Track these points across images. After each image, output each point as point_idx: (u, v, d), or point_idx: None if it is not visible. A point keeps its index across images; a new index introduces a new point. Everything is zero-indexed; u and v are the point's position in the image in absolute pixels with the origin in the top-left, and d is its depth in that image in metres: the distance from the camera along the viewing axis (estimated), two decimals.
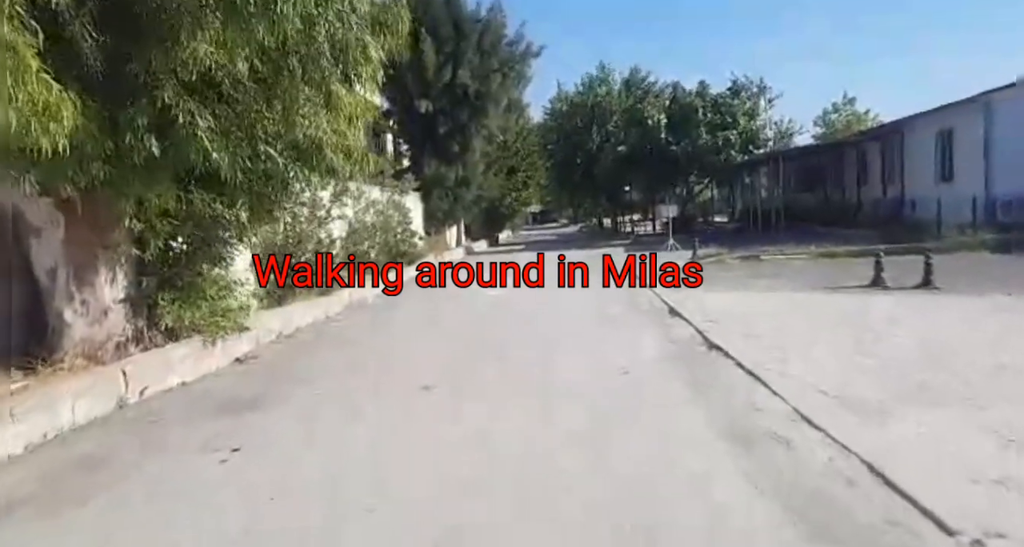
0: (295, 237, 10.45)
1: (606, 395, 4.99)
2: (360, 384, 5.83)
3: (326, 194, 11.09)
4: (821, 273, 11.81)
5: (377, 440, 4.27)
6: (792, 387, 4.79)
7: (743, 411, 4.40)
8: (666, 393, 4.97)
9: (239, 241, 6.72)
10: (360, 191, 14.88)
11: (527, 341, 7.41)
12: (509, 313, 9.90)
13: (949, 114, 15.85)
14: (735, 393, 4.83)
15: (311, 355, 7.26)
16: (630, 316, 8.75)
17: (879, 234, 16.31)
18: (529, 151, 36.76)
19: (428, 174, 21.87)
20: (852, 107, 48.08)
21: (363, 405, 5.13)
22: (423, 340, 7.96)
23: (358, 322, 9.67)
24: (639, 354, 6.35)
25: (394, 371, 6.24)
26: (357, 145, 6.45)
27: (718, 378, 5.31)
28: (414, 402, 5.10)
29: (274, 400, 5.36)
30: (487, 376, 5.86)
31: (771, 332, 6.90)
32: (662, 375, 5.53)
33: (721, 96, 25.73)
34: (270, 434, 4.52)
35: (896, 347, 5.88)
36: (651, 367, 5.82)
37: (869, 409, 4.20)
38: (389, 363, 6.66)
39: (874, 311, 7.90)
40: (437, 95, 20.84)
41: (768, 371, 5.23)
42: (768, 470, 3.38)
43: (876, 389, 4.62)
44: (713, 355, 6.13)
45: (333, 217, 11.22)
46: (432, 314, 10.41)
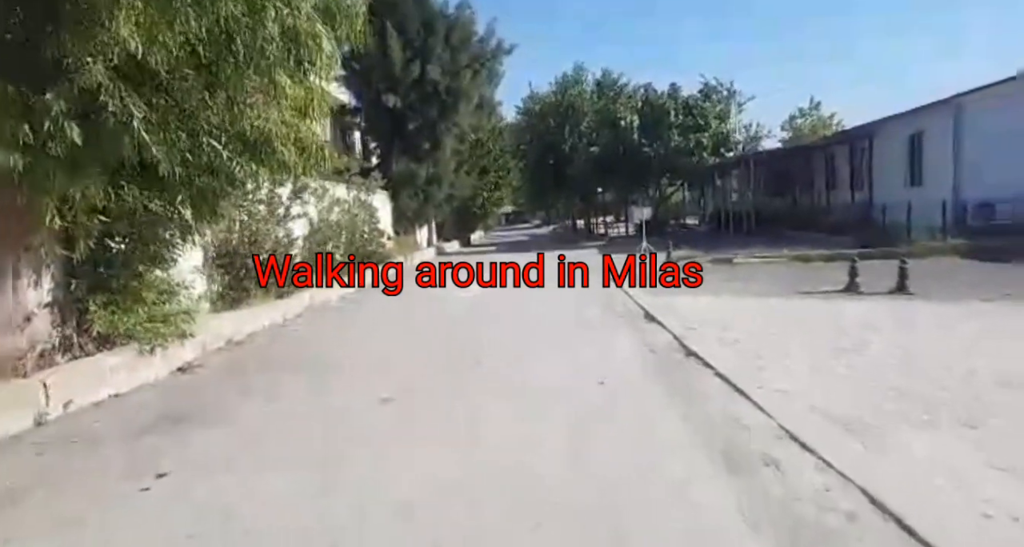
0: (251, 236, 9.88)
1: (582, 410, 4.62)
2: (311, 397, 5.37)
3: (285, 191, 10.54)
4: (795, 277, 11.68)
5: (325, 462, 3.83)
6: (775, 400, 4.50)
7: (727, 427, 4.08)
8: (645, 407, 4.63)
9: (183, 241, 6.17)
10: (323, 189, 14.33)
11: (496, 347, 7.01)
12: (480, 317, 9.49)
13: (919, 117, 15.93)
14: (717, 407, 4.51)
15: (261, 364, 6.74)
16: (607, 320, 8.43)
17: (850, 238, 16.35)
18: (502, 151, 36.39)
19: (397, 172, 21.33)
20: (818, 112, 48.78)
21: (311, 422, 4.67)
22: (386, 346, 7.50)
23: (318, 326, 9.16)
24: (616, 363, 6.01)
25: (350, 381, 5.78)
26: (312, 139, 5.99)
27: (698, 390, 4.98)
28: (370, 419, 4.67)
29: (214, 415, 4.86)
30: (452, 387, 5.44)
31: (749, 339, 6.63)
32: (640, 386, 5.19)
33: (692, 98, 25.72)
34: (203, 456, 4.04)
35: (879, 356, 5.65)
36: (629, 377, 5.47)
37: (859, 426, 3.91)
38: (345, 372, 6.19)
39: (851, 317, 7.70)
40: (406, 91, 20.34)
41: (749, 382, 4.94)
42: (759, 499, 3.05)
43: (863, 403, 4.35)
44: (692, 364, 5.82)
45: (292, 216, 10.67)
46: (398, 318, 9.95)
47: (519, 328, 8.30)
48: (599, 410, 4.62)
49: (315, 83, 6.10)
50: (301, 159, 5.76)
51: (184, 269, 6.70)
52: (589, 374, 5.56)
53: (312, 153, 5.82)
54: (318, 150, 6.01)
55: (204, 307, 9.13)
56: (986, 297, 8.49)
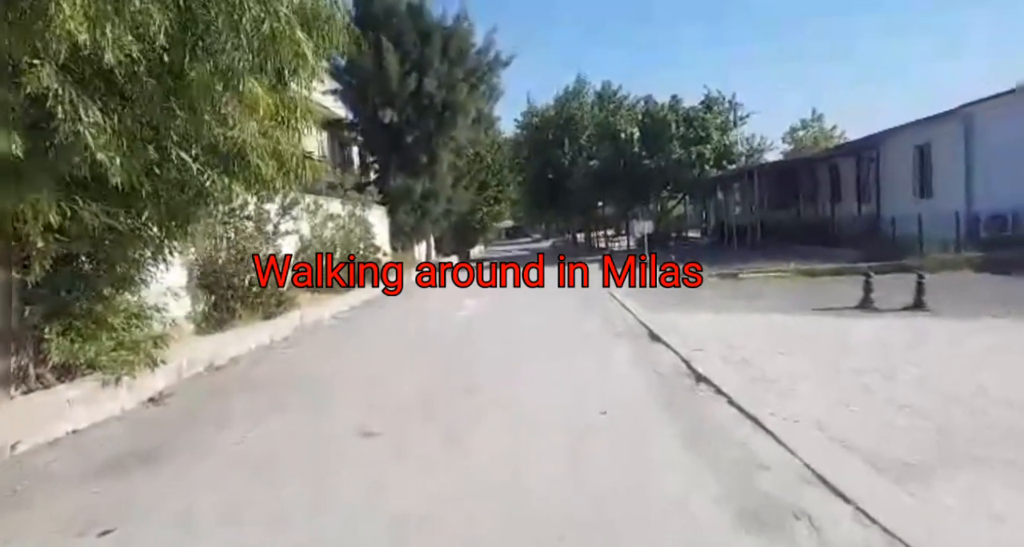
0: (238, 254, 9.47)
1: (582, 446, 4.16)
2: (292, 430, 4.90)
3: (273, 207, 10.15)
4: (805, 293, 11.23)
5: (299, 513, 3.36)
6: (799, 434, 4.04)
7: (746, 468, 3.62)
8: (652, 442, 4.17)
9: (155, 261, 5.75)
10: (316, 204, 13.98)
11: (492, 370, 6.56)
12: (477, 336, 9.04)
13: (927, 128, 15.57)
14: (733, 442, 4.05)
15: (240, 392, 6.28)
16: (608, 338, 7.97)
17: (857, 252, 15.91)
18: (500, 165, 36.14)
19: (394, 187, 20.99)
20: (820, 124, 48.61)
21: (288, 461, 4.21)
22: (377, 371, 7.04)
23: (307, 349, 8.70)
24: (620, 388, 5.56)
25: (336, 413, 5.32)
26: (293, 151, 5.58)
27: (711, 421, 4.53)
28: (354, 458, 4.20)
29: (180, 453, 4.41)
30: (443, 419, 4.98)
31: (762, 361, 6.17)
32: (647, 417, 4.73)
33: (694, 110, 25.45)
34: (160, 504, 3.58)
35: (907, 382, 5.19)
36: (634, 406, 5.02)
37: (896, 466, 3.46)
38: (332, 401, 5.73)
39: (870, 337, 7.25)
40: (402, 105, 20.05)
41: (767, 412, 4.48)
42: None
43: (897, 437, 3.89)
44: (702, 390, 5.37)
45: (282, 232, 10.26)
46: (392, 337, 9.50)
47: (515, 347, 7.84)
48: (601, 445, 4.16)
49: (297, 92, 5.73)
50: (280, 173, 5.34)
51: (156, 291, 6.26)
52: (590, 402, 5.11)
53: (292, 167, 5.41)
54: (299, 163, 5.60)
55: (188, 329, 8.72)
56: (1006, 313, 8.05)
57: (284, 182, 5.45)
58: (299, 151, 5.75)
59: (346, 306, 13.02)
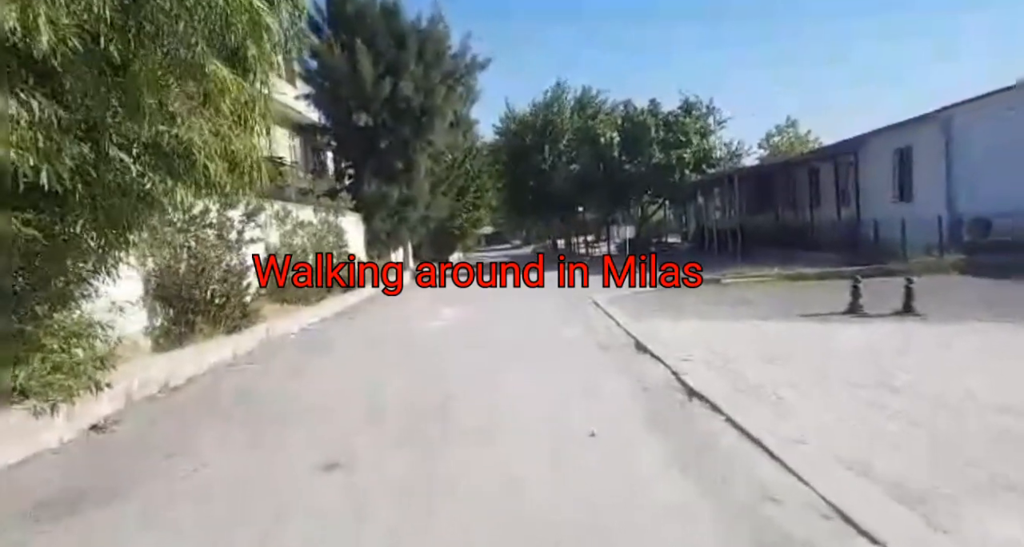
0: (199, 265, 8.90)
1: (570, 472, 3.75)
2: (247, 464, 4.41)
3: (236, 214, 9.60)
4: (790, 298, 10.99)
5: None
6: (807, 459, 3.68)
7: (754, 501, 3.23)
8: (645, 469, 3.77)
9: (96, 273, 5.22)
10: (285, 211, 13.45)
11: (470, 387, 6.12)
12: (452, 348, 8.60)
13: (906, 131, 15.52)
14: (737, 469, 3.67)
15: (194, 417, 5.76)
16: (591, 351, 7.58)
17: (838, 256, 15.81)
18: (479, 170, 35.72)
19: (369, 193, 20.46)
20: (795, 129, 49.16)
21: (240, 502, 3.72)
22: (343, 392, 6.56)
23: (270, 366, 8.16)
24: (607, 405, 5.16)
25: (297, 441, 4.84)
26: (249, 153, 5.10)
27: (710, 445, 4.14)
28: (314, 497, 3.73)
29: (118, 493, 3.89)
30: (413, 451, 4.53)
31: (756, 373, 5.83)
32: (638, 439, 4.33)
33: (672, 114, 25.33)
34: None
35: (909, 396, 4.86)
36: (623, 425, 4.62)
37: (921, 498, 3.10)
38: (291, 427, 5.25)
39: (864, 344, 6.97)
40: (377, 109, 19.57)
41: (769, 432, 4.12)
42: None
43: (917, 461, 3.54)
44: (696, 407, 4.99)
45: (246, 240, 9.71)
46: (361, 351, 9.01)
47: (493, 358, 7.42)
48: (589, 472, 3.75)
49: (256, 87, 5.25)
50: (232, 175, 4.86)
51: (104, 306, 5.71)
52: (576, 421, 4.70)
53: (247, 169, 4.93)
54: (255, 166, 5.13)
55: (145, 346, 8.15)
56: (994, 317, 7.88)
57: (238, 186, 4.97)
58: (255, 152, 5.28)
59: (316, 318, 12.47)
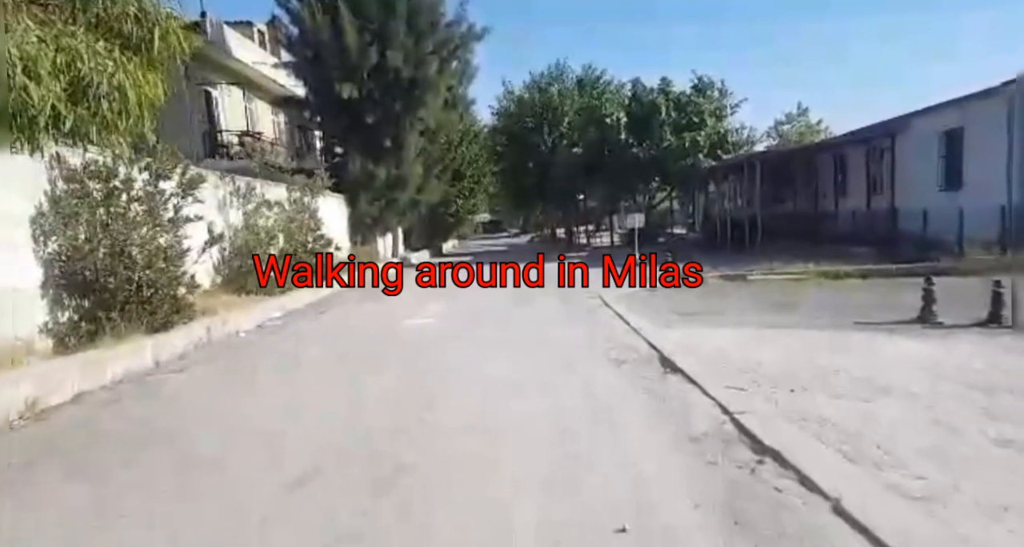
0: (118, 245, 7.14)
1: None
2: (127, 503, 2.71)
3: (170, 185, 7.82)
4: (837, 301, 9.27)
5: None
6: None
7: None
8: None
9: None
10: (249, 187, 11.68)
11: (449, 426, 4.42)
12: (430, 360, 6.89)
13: (958, 111, 13.67)
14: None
15: (62, 456, 4.06)
16: (605, 372, 5.87)
17: (871, 250, 14.11)
18: (477, 154, 33.82)
19: (354, 173, 18.68)
20: (805, 118, 47.19)
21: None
22: (294, 412, 4.86)
23: (199, 378, 6.44)
24: (644, 476, 3.43)
25: (206, 482, 3.14)
26: (112, 75, 3.35)
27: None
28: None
29: None
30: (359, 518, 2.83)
31: (844, 415, 4.12)
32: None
33: (685, 94, 23.41)
34: None
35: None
36: (672, 519, 2.91)
37: None
38: (215, 458, 3.55)
39: (968, 370, 5.25)
40: (363, 80, 17.74)
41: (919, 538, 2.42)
42: None
43: None
44: (774, 476, 3.28)
45: (182, 219, 7.91)
46: (325, 355, 7.30)
47: (483, 379, 5.71)
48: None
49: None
50: (71, 105, 3.10)
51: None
52: (601, 510, 2.99)
53: (94, 99, 3.17)
54: (120, 98, 3.37)
55: (44, 347, 6.44)
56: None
57: (85, 125, 3.20)
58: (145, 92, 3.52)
59: (280, 311, 10.75)
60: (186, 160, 7.87)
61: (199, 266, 9.59)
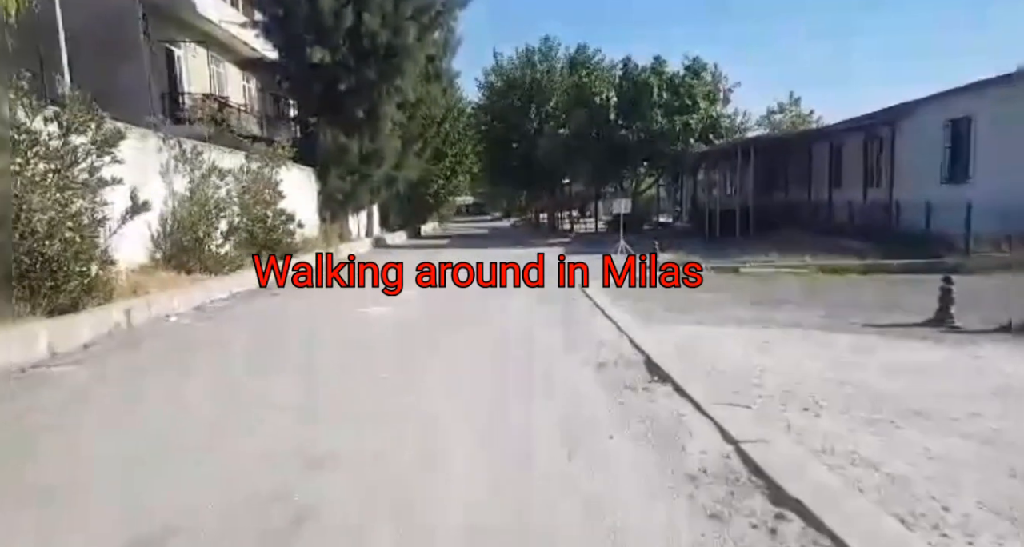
0: (14, 211, 6.03)
1: None
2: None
3: (83, 140, 6.67)
4: (839, 299, 8.43)
5: None
6: None
7: None
8: None
9: None
10: (196, 152, 10.53)
11: (388, 444, 3.48)
12: (376, 369, 5.94)
13: (968, 98, 12.80)
14: None
15: None
16: (582, 381, 4.96)
17: (867, 244, 13.32)
18: (460, 133, 32.53)
19: (325, 144, 17.49)
20: (797, 107, 46.36)
21: None
22: (158, 441, 3.88)
23: (95, 371, 5.41)
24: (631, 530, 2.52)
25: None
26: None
27: None
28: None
29: None
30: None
31: (871, 439, 3.27)
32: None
33: (678, 75, 22.33)
34: None
35: None
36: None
37: None
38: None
39: (1007, 388, 4.41)
40: (337, 44, 16.47)
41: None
42: None
43: None
44: (803, 542, 2.38)
45: (96, 182, 6.76)
46: (250, 351, 6.31)
47: (438, 394, 4.77)
48: None
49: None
50: None
51: None
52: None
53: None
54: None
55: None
56: None
57: None
58: None
59: (226, 292, 9.70)
60: (103, 112, 6.72)
61: (133, 240, 8.52)
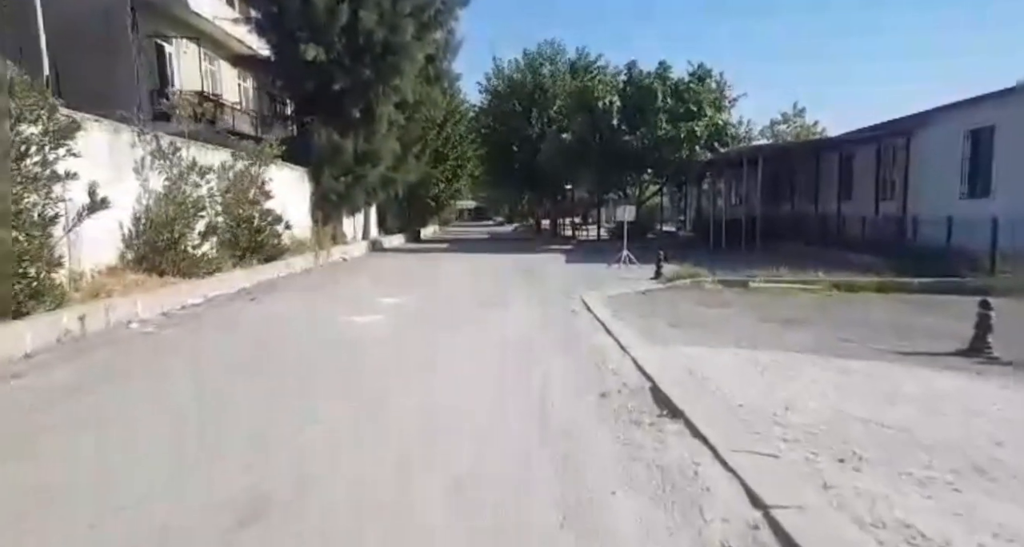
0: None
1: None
2: None
3: (35, 130, 6.06)
4: (858, 319, 7.80)
5: None
6: None
7: None
8: None
9: None
10: (174, 148, 9.93)
11: (347, 507, 2.85)
12: (350, 396, 5.32)
13: (990, 107, 12.19)
14: None
15: None
16: (581, 415, 4.32)
17: (880, 260, 12.67)
18: (462, 136, 31.99)
19: (319, 144, 16.90)
20: (802, 118, 45.90)
21: None
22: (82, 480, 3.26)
23: (32, 386, 4.78)
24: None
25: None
26: None
27: None
28: None
29: None
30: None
31: (929, 505, 2.64)
32: None
33: (683, 81, 21.77)
34: None
35: None
36: None
37: None
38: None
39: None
40: (332, 42, 15.91)
41: None
42: None
43: None
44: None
45: (46, 176, 6.14)
46: (211, 365, 5.68)
47: (420, 414, 4.15)
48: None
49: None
50: None
51: None
52: None
53: None
54: None
55: None
56: None
57: None
58: None
59: (200, 297, 9.08)
60: (56, 100, 6.12)
61: (100, 240, 7.94)
